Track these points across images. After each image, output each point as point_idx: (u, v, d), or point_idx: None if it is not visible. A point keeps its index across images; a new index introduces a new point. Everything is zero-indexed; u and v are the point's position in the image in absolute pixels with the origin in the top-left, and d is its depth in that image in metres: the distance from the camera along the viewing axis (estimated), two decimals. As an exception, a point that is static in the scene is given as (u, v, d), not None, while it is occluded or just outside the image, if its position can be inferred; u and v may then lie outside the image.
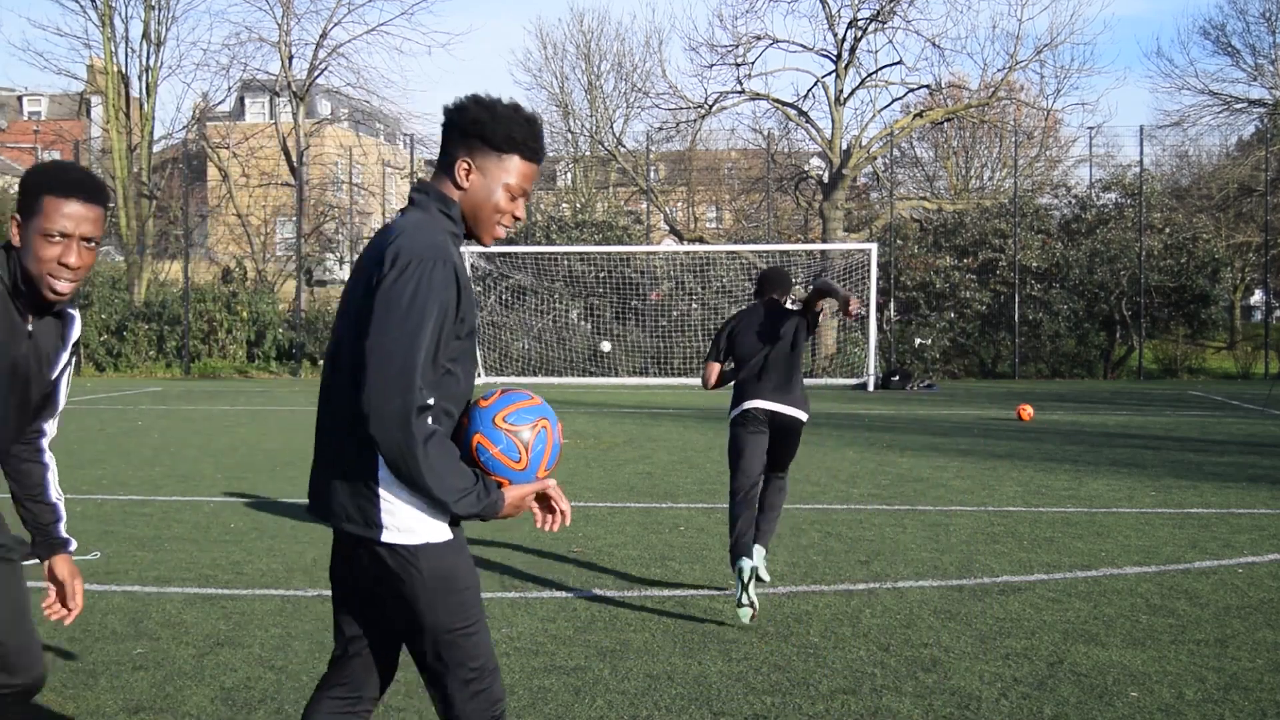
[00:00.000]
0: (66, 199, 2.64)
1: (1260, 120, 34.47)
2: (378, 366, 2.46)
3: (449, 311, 2.54)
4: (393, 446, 2.46)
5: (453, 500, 2.50)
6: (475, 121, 2.65)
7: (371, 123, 42.98)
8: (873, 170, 33.68)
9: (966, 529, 7.63)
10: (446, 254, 2.55)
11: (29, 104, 56.03)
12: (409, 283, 2.49)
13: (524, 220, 2.53)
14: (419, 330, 2.48)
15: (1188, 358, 27.90)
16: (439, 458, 2.48)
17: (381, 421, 2.45)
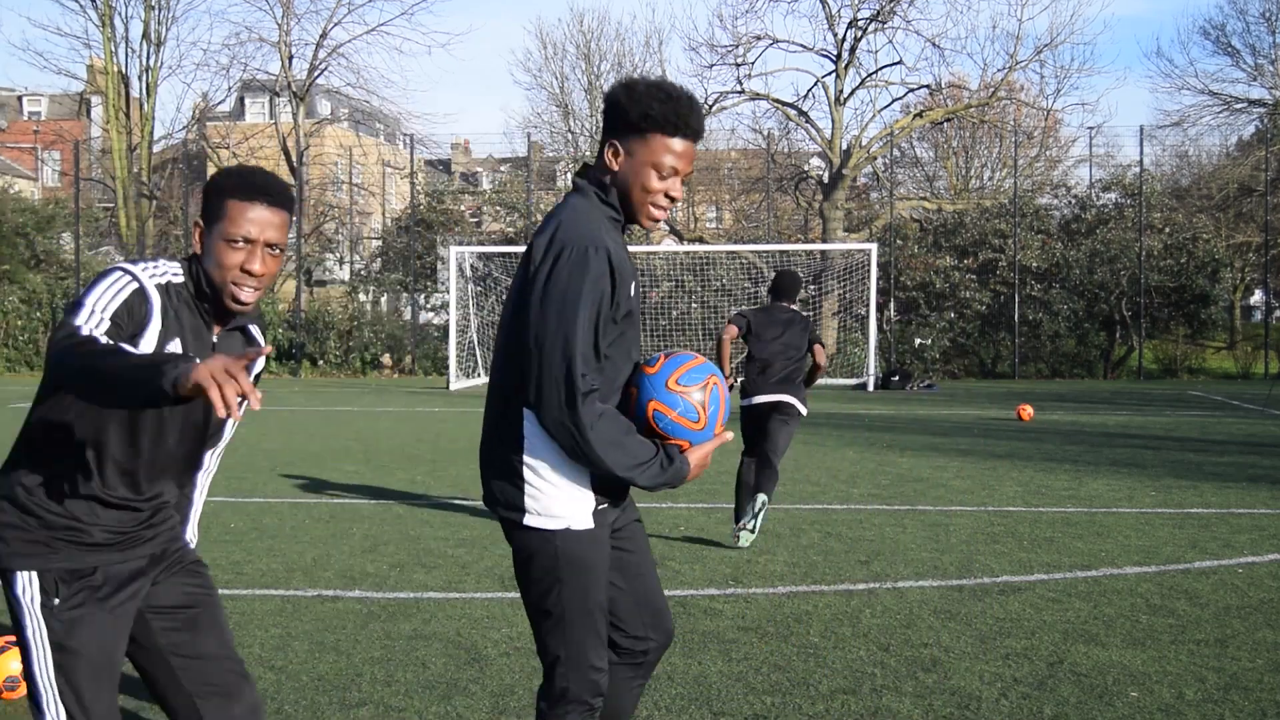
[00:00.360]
0: (251, 203, 2.53)
1: (1260, 120, 34.48)
2: (541, 357, 2.53)
3: (605, 297, 2.56)
4: (564, 434, 2.53)
5: (635, 474, 2.56)
6: (614, 104, 2.65)
7: (371, 123, 42.98)
8: (873, 170, 33.69)
9: (966, 529, 7.63)
10: (599, 240, 2.56)
11: (29, 104, 56.03)
12: (563, 271, 2.53)
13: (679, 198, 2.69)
14: (575, 318, 2.52)
15: (1188, 358, 27.91)
16: (612, 436, 2.54)
17: (550, 411, 2.53)
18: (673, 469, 2.61)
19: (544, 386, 2.52)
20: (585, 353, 2.52)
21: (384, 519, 8.05)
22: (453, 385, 23.16)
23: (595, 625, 2.69)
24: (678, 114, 2.62)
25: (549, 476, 2.62)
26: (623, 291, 2.60)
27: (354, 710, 4.19)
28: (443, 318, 28.24)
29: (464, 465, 10.90)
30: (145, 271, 2.52)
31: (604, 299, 2.56)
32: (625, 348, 2.69)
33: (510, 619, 5.38)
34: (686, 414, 2.66)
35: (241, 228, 2.52)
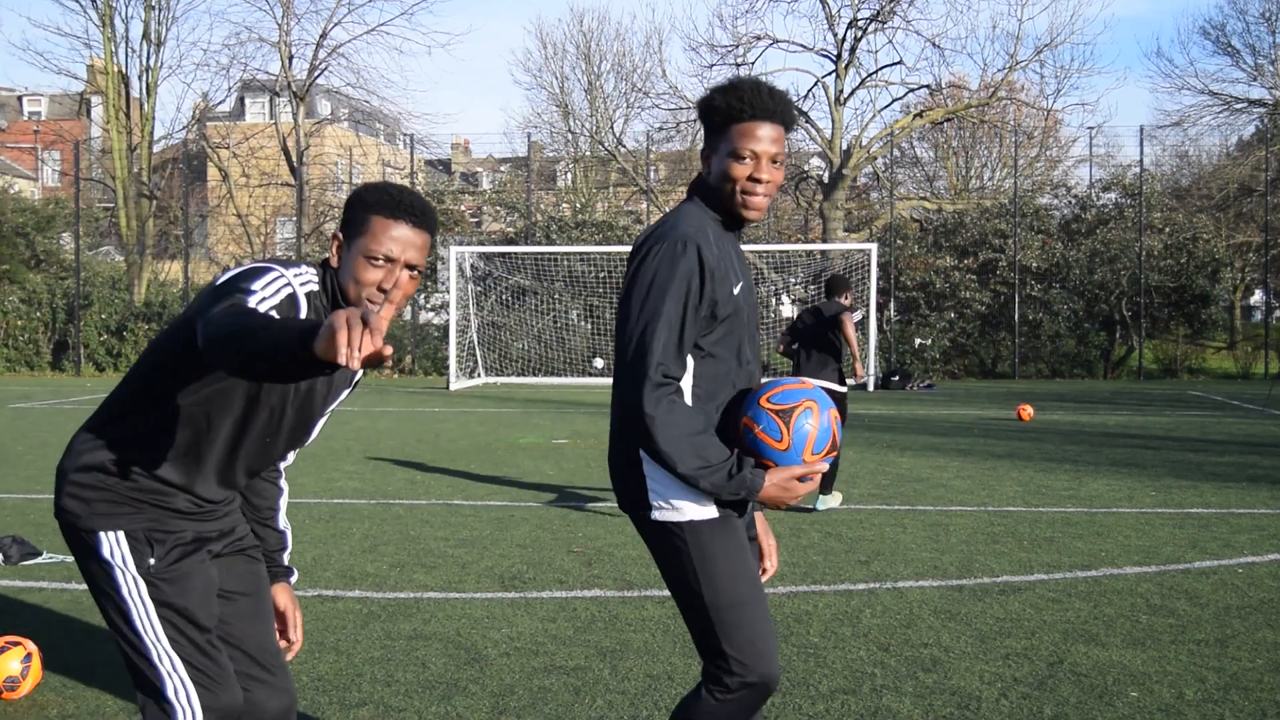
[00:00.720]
0: (396, 221, 2.49)
1: (1260, 120, 34.48)
2: (621, 348, 2.57)
3: (692, 292, 2.56)
4: (636, 421, 2.53)
5: (700, 475, 2.53)
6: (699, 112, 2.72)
7: (371, 123, 42.99)
8: (873, 170, 33.70)
9: (966, 529, 7.63)
10: (690, 237, 2.58)
11: (29, 104, 56.05)
12: (650, 264, 2.57)
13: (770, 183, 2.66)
14: (657, 310, 2.53)
15: (1188, 358, 27.91)
16: (681, 432, 2.52)
17: (623, 399, 2.56)
18: (739, 479, 2.56)
19: (619, 373, 2.56)
20: (666, 343, 2.53)
21: (384, 519, 8.05)
22: (453, 385, 23.16)
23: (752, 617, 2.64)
24: (741, 100, 2.63)
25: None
26: (720, 290, 2.60)
27: (354, 710, 4.19)
28: (443, 318, 28.23)
29: (464, 465, 10.90)
30: (296, 277, 2.50)
31: (691, 293, 2.56)
32: (731, 347, 2.68)
33: (510, 619, 5.38)
34: (769, 431, 2.62)
35: (383, 245, 2.49)
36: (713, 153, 2.70)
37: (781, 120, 2.67)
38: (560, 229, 28.79)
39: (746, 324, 2.73)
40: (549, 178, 42.14)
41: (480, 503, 8.73)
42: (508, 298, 27.20)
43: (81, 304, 28.41)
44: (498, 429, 14.46)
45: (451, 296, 24.46)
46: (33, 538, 7.20)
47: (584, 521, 7.87)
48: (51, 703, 4.28)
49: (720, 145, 2.67)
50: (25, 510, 8.38)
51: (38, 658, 4.35)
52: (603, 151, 37.13)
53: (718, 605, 2.61)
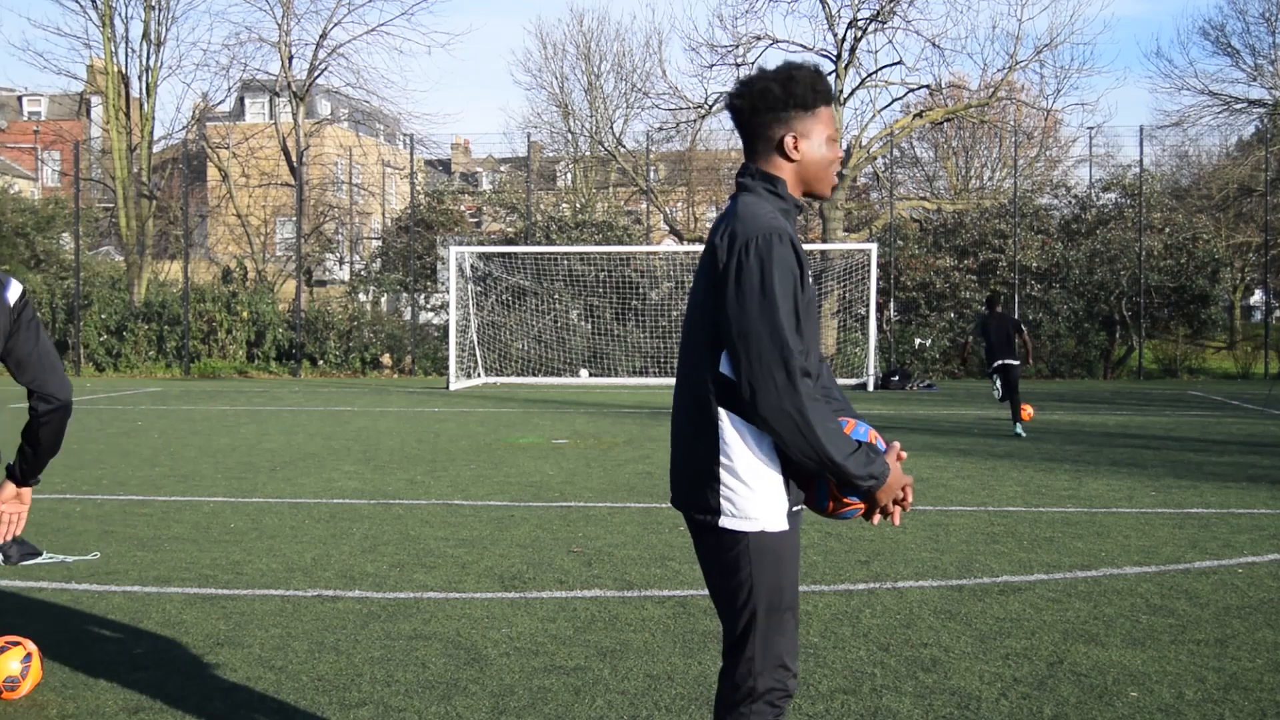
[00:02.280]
0: None
1: (1260, 120, 34.48)
2: (751, 348, 2.53)
3: (798, 283, 2.59)
4: (784, 417, 2.52)
5: (849, 462, 2.56)
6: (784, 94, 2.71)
7: (371, 123, 42.98)
8: (873, 170, 33.69)
9: (966, 529, 7.63)
10: (784, 229, 2.60)
11: (29, 104, 56.04)
12: (756, 261, 2.55)
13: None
14: (778, 304, 2.54)
15: (1188, 358, 27.90)
16: (828, 422, 2.55)
17: (767, 397, 2.52)
18: (877, 464, 2.60)
19: (758, 376, 2.52)
20: (794, 338, 2.55)
21: (384, 519, 8.05)
22: (452, 385, 23.15)
23: (786, 625, 2.72)
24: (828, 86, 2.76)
25: (746, 478, 2.64)
26: (807, 279, 2.64)
27: (354, 710, 4.19)
28: (442, 318, 28.22)
29: (464, 465, 10.90)
30: None
31: (798, 285, 2.59)
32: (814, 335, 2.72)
33: (510, 619, 5.38)
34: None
35: None
36: (801, 137, 2.73)
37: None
38: (560, 229, 28.78)
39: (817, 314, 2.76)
40: (549, 178, 42.13)
41: (480, 503, 8.73)
42: (507, 298, 27.20)
43: (81, 304, 28.41)
44: (498, 429, 14.46)
45: (451, 296, 24.46)
46: (33, 538, 7.20)
47: (584, 521, 7.87)
48: (51, 703, 4.28)
49: (814, 129, 2.74)
50: (25, 510, 8.38)
51: (38, 658, 4.36)
52: (603, 151, 37.12)
53: (762, 613, 2.68)
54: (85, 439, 13.29)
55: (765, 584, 2.67)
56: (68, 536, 7.38)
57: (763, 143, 2.75)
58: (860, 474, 2.58)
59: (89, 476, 10.15)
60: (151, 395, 21.09)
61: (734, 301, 2.56)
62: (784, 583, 2.70)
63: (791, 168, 2.75)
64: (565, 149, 40.37)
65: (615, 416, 16.34)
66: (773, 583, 2.68)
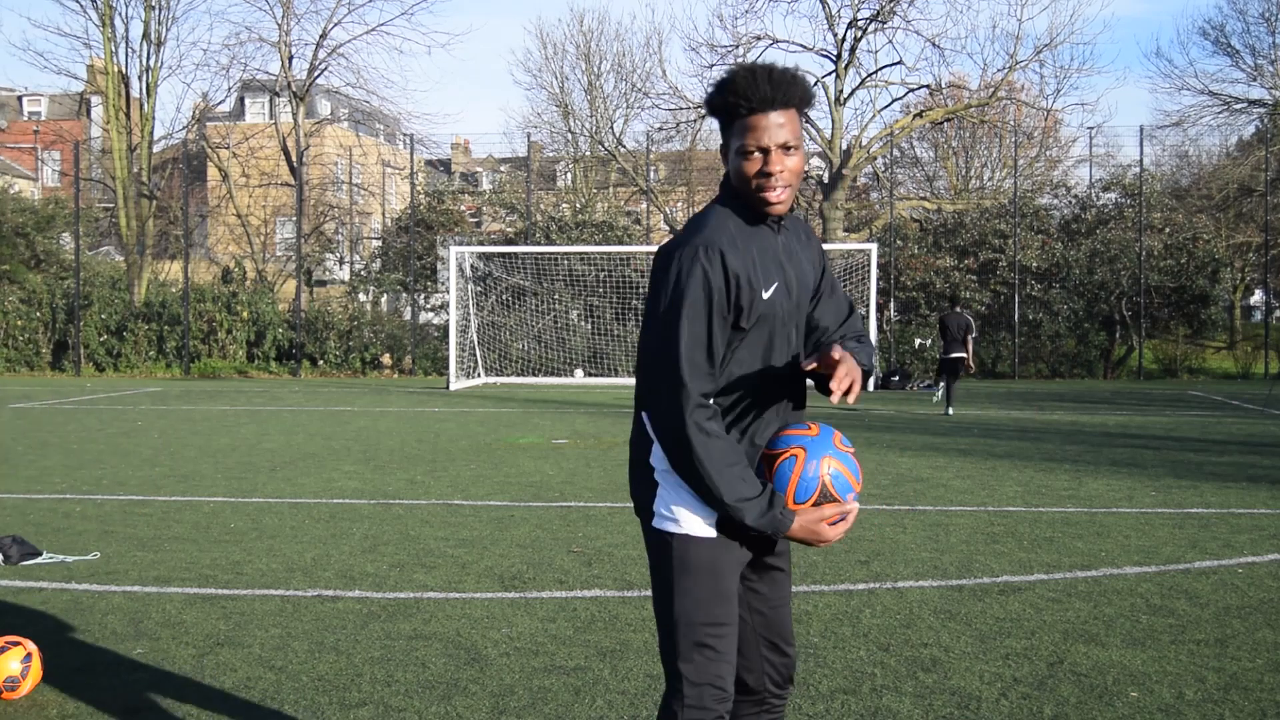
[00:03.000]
0: None
1: (1260, 120, 34.48)
2: (649, 362, 2.49)
3: (716, 303, 2.47)
4: (668, 438, 2.47)
5: (736, 504, 2.46)
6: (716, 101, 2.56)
7: (371, 123, 42.98)
8: (873, 170, 33.70)
9: (966, 529, 7.63)
10: (710, 243, 2.49)
11: (29, 104, 56.07)
12: (670, 276, 2.49)
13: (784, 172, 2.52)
14: (680, 324, 2.45)
15: (1188, 358, 27.91)
16: (721, 459, 2.44)
17: (657, 416, 2.48)
18: (772, 515, 2.48)
19: (649, 394, 2.49)
20: (696, 363, 2.45)
21: (384, 519, 8.05)
22: (452, 385, 23.15)
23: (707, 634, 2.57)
24: (737, 92, 2.50)
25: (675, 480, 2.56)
26: (746, 296, 2.50)
27: (354, 710, 4.19)
28: (442, 318, 28.23)
29: (464, 465, 10.90)
30: None
31: (716, 305, 2.47)
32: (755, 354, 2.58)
33: (510, 619, 5.38)
34: (854, 472, 2.58)
35: None
36: (728, 149, 2.58)
37: (786, 104, 2.52)
38: (560, 229, 28.79)
39: (781, 327, 2.61)
40: (549, 178, 42.14)
41: (480, 503, 8.73)
42: (507, 298, 27.20)
43: (81, 304, 28.41)
44: (498, 429, 14.46)
45: (451, 296, 24.46)
46: (33, 538, 7.20)
47: (584, 521, 7.87)
48: (51, 703, 4.28)
49: (730, 142, 2.57)
50: (25, 510, 8.38)
51: (38, 658, 4.35)
52: (603, 151, 37.13)
53: (685, 623, 2.56)
54: (85, 439, 13.29)
55: (688, 590, 2.56)
56: (68, 536, 7.38)
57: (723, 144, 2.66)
58: (751, 523, 2.48)
59: (89, 476, 10.15)
60: (151, 395, 21.09)
61: (646, 313, 2.52)
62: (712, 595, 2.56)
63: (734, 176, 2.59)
64: (565, 149, 40.38)
65: (615, 416, 16.34)
66: (696, 591, 2.56)
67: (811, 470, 2.53)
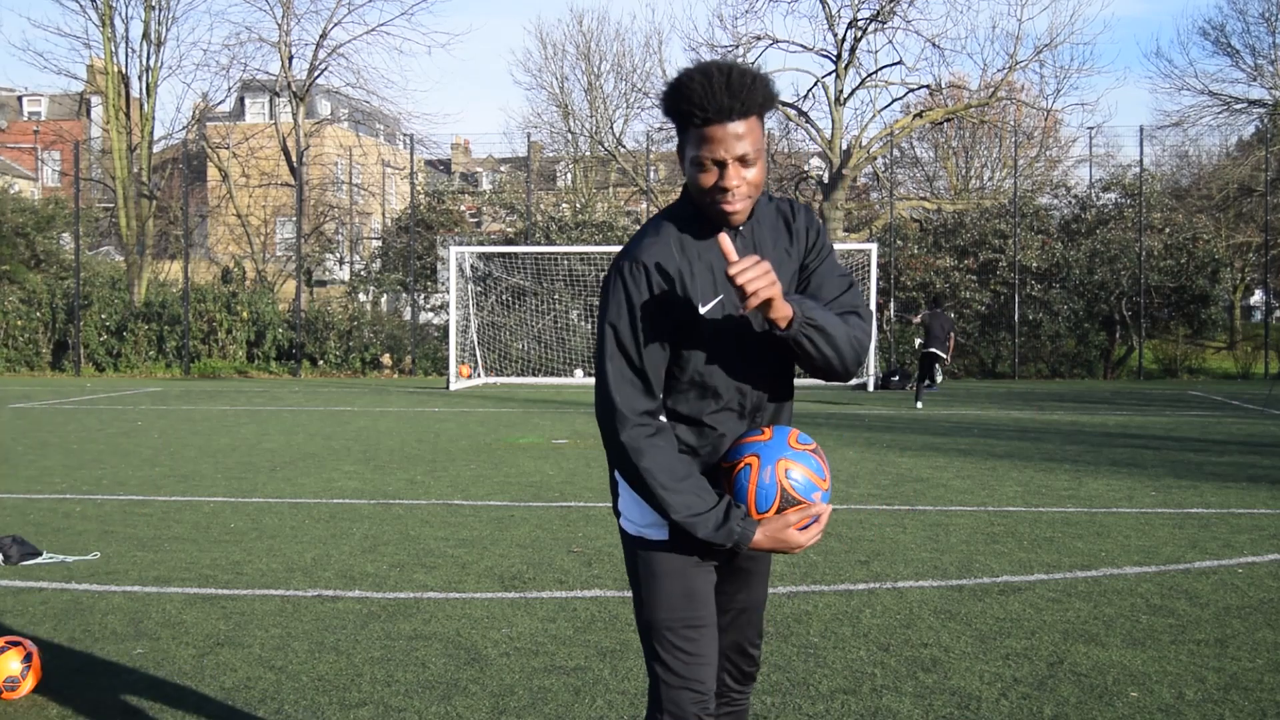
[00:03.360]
0: None
1: (1260, 120, 34.48)
2: (596, 379, 2.45)
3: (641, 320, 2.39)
4: (613, 457, 2.45)
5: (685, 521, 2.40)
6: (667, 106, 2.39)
7: (371, 123, 42.99)
8: (873, 170, 33.70)
9: (966, 529, 7.63)
10: (639, 258, 2.40)
11: (29, 104, 56.08)
12: (603, 293, 2.45)
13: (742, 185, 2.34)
14: (605, 341, 2.41)
15: (1188, 358, 27.90)
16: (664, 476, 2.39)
17: (603, 433, 2.45)
18: (726, 529, 2.40)
19: (597, 410, 2.46)
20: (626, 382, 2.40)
21: (384, 519, 8.05)
22: (452, 385, 23.15)
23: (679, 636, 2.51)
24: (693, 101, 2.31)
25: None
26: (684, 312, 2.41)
27: (354, 710, 4.19)
28: (443, 318, 28.23)
29: (464, 465, 10.90)
30: None
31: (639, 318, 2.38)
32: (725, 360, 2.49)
33: (510, 619, 5.38)
34: (816, 471, 2.51)
35: None
36: (684, 158, 2.41)
37: (745, 113, 2.32)
38: (560, 229, 28.79)
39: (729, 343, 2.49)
40: (549, 178, 42.15)
41: (480, 503, 8.73)
42: (508, 298, 27.20)
43: (81, 304, 28.41)
44: (498, 429, 14.46)
45: (451, 296, 24.46)
46: (33, 538, 7.20)
47: (584, 521, 7.87)
48: (51, 703, 4.28)
49: (685, 150, 2.39)
50: (25, 510, 8.38)
51: (38, 658, 4.36)
52: (602, 152, 37.13)
53: (655, 624, 2.52)
54: (85, 439, 13.29)
55: (655, 591, 2.52)
56: (68, 536, 7.38)
57: None
58: (705, 537, 2.41)
59: (89, 476, 10.15)
60: (151, 395, 21.09)
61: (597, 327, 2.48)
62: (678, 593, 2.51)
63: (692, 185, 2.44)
64: (565, 149, 40.39)
65: (615, 416, 16.31)
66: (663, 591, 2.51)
67: (768, 476, 2.45)
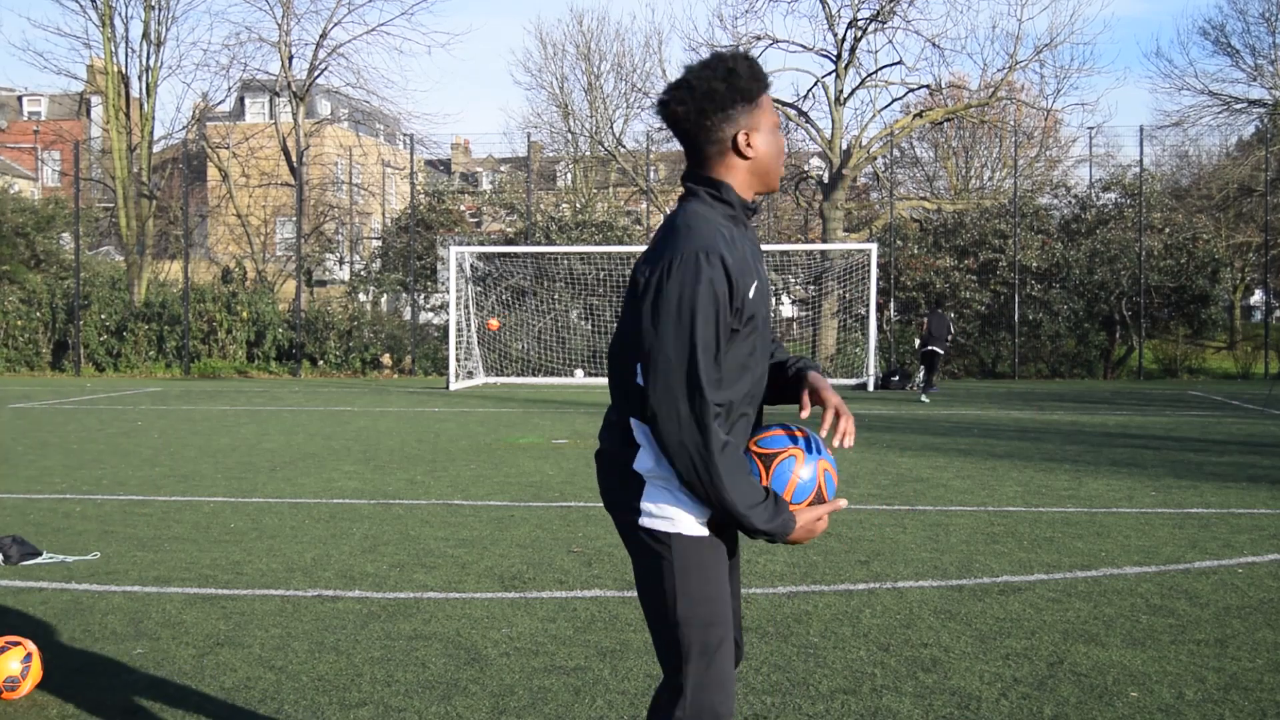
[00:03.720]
0: None
1: (1260, 120, 34.48)
2: (659, 374, 2.40)
3: (721, 310, 2.42)
4: (682, 451, 2.40)
5: (752, 514, 2.44)
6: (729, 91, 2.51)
7: (371, 123, 42.99)
8: (873, 170, 33.69)
9: (966, 529, 7.63)
10: (711, 247, 2.43)
11: (29, 104, 56.07)
12: (676, 282, 2.40)
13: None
14: (696, 331, 2.39)
15: (1188, 358, 27.90)
16: (733, 465, 2.43)
17: (669, 426, 2.40)
18: (781, 519, 2.48)
19: (662, 404, 2.39)
20: (710, 371, 2.40)
21: (384, 519, 8.05)
22: (452, 385, 23.15)
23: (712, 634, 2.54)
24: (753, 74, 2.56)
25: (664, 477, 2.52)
26: (743, 295, 2.47)
27: (354, 710, 4.19)
28: (442, 318, 28.23)
29: (464, 465, 10.90)
30: None
31: (721, 311, 2.41)
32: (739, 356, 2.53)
33: (510, 619, 5.38)
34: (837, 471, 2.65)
35: None
36: (753, 131, 2.55)
37: None
38: (560, 229, 28.79)
39: (763, 325, 2.58)
40: (549, 178, 42.15)
41: (480, 503, 8.73)
42: (508, 298, 27.20)
43: (81, 304, 28.41)
44: (498, 429, 14.46)
45: (451, 297, 24.46)
46: (33, 538, 7.20)
47: (584, 521, 7.87)
48: (51, 703, 4.28)
49: (761, 121, 2.56)
50: (25, 510, 8.38)
51: (38, 658, 4.36)
52: (602, 151, 37.12)
53: (688, 622, 2.51)
54: (85, 439, 13.29)
55: (689, 591, 2.51)
56: (68, 536, 7.38)
57: (712, 146, 2.56)
58: (759, 528, 2.47)
59: (89, 476, 10.15)
60: (151, 395, 21.09)
61: (652, 320, 2.41)
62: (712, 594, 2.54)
63: (745, 166, 2.57)
64: (565, 149, 40.39)
65: (615, 416, 16.32)
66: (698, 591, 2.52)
67: (809, 472, 2.56)
